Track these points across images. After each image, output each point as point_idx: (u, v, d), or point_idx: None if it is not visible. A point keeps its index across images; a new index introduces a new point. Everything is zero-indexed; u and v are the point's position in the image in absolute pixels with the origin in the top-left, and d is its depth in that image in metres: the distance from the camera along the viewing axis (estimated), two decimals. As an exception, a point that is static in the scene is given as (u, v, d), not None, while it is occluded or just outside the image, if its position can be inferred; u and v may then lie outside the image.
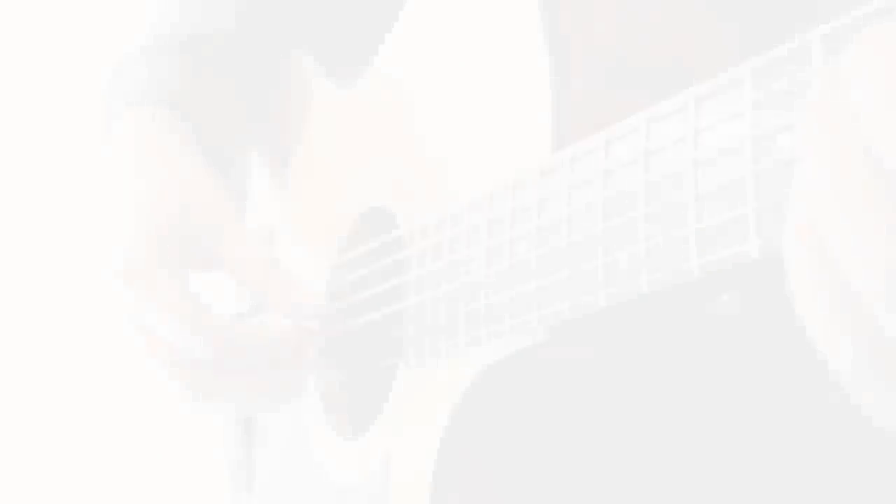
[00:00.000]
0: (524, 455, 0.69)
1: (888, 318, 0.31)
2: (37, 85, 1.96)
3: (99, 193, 0.90)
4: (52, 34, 1.95)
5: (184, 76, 0.96)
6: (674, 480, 0.73)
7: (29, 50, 1.96)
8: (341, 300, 0.88)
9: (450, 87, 0.75)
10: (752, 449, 0.73)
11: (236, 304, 1.04)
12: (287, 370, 0.82)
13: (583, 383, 0.68)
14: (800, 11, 0.65)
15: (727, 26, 0.69)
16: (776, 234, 0.42)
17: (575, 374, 0.66)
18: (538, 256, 0.59)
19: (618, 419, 0.70)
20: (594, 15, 0.64)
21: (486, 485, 0.69)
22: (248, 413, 0.87)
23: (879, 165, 0.31)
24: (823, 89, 0.35)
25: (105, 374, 1.94)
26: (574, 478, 0.71)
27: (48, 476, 1.91)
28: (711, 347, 0.64)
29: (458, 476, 0.68)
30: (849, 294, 0.32)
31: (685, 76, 0.64)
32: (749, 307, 0.50)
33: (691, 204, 0.47)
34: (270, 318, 0.97)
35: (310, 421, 0.89)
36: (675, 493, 0.73)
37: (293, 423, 0.91)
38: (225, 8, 1.03)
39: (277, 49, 1.06)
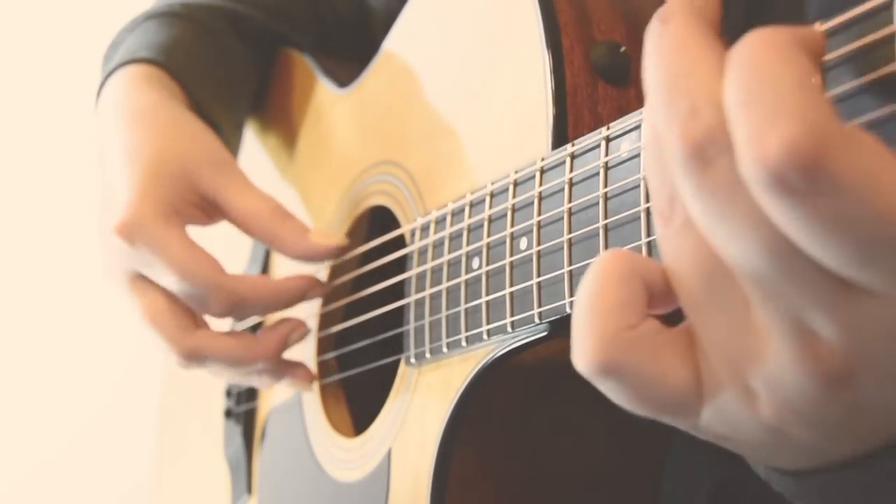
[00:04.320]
0: (525, 451, 0.69)
1: None
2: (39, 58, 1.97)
3: (95, 157, 0.88)
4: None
5: (176, 36, 0.95)
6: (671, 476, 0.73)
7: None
8: (342, 298, 0.88)
9: (449, 85, 0.75)
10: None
11: (248, 270, 1.04)
12: (287, 328, 0.82)
13: (584, 379, 0.68)
14: (796, 9, 0.66)
15: (726, 24, 0.69)
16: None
17: (576, 371, 0.66)
18: (539, 252, 0.59)
19: (619, 416, 0.70)
20: (592, 9, 0.65)
21: (487, 482, 0.69)
22: (245, 378, 0.86)
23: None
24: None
25: (103, 373, 1.94)
26: (575, 474, 0.71)
27: (42, 474, 1.91)
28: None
29: (459, 473, 0.68)
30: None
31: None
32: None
33: (692, 199, 0.47)
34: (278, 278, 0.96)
35: (310, 420, 0.89)
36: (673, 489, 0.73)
37: (293, 422, 0.91)
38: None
39: (275, 38, 1.06)
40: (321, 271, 0.90)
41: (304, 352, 0.90)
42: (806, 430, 0.40)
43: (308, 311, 0.90)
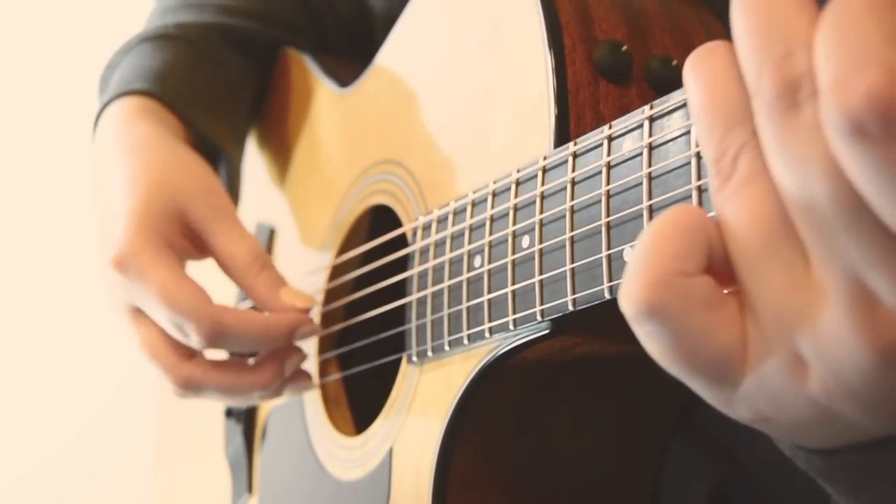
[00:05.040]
0: (527, 450, 0.69)
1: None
2: (39, 84, 1.97)
3: (93, 188, 0.89)
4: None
5: (170, 60, 0.95)
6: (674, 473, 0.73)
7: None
8: (343, 297, 0.88)
9: (451, 84, 0.75)
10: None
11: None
12: (283, 357, 0.82)
13: (585, 377, 0.68)
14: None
15: (727, 25, 0.69)
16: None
17: (577, 368, 0.66)
18: (541, 250, 0.59)
19: (620, 415, 0.71)
20: (594, 8, 0.65)
21: (489, 480, 0.69)
22: (245, 403, 0.86)
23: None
24: None
25: (103, 373, 1.94)
26: (576, 473, 0.71)
27: (43, 474, 1.91)
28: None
29: (460, 472, 0.68)
30: None
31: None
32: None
33: (694, 196, 0.47)
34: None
35: (311, 418, 0.89)
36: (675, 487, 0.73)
37: (294, 421, 0.92)
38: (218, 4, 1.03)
39: (274, 45, 1.06)
40: (322, 271, 0.90)
41: (306, 351, 0.90)
42: (851, 405, 0.39)
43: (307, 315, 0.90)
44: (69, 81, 1.82)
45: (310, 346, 0.90)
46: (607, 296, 0.54)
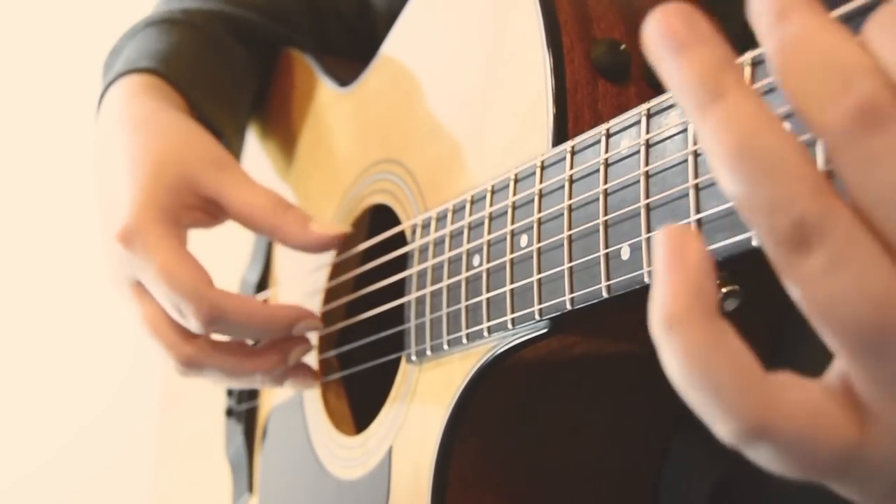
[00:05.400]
0: (526, 449, 0.69)
1: None
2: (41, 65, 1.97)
3: (95, 164, 0.89)
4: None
5: (175, 43, 0.95)
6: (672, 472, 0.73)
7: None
8: (343, 296, 0.88)
9: (450, 83, 0.75)
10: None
11: (249, 271, 1.04)
12: (288, 346, 0.81)
13: (584, 376, 0.68)
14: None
15: (727, 25, 0.69)
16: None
17: (576, 367, 0.66)
18: (539, 249, 0.59)
19: (619, 415, 0.71)
20: (592, 8, 0.65)
21: (488, 479, 0.69)
22: (247, 386, 0.86)
23: None
24: None
25: (103, 373, 1.94)
26: (576, 472, 0.71)
27: (43, 474, 1.91)
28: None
29: (459, 470, 0.68)
30: None
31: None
32: (748, 302, 0.51)
33: (691, 194, 0.47)
34: (276, 293, 0.96)
35: (311, 418, 0.89)
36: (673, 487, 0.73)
37: (294, 420, 0.92)
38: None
39: (275, 39, 1.06)
40: (322, 270, 0.90)
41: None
42: None
43: (310, 310, 0.90)
44: (68, 76, 1.82)
45: (310, 345, 0.90)
46: (605, 295, 0.54)
